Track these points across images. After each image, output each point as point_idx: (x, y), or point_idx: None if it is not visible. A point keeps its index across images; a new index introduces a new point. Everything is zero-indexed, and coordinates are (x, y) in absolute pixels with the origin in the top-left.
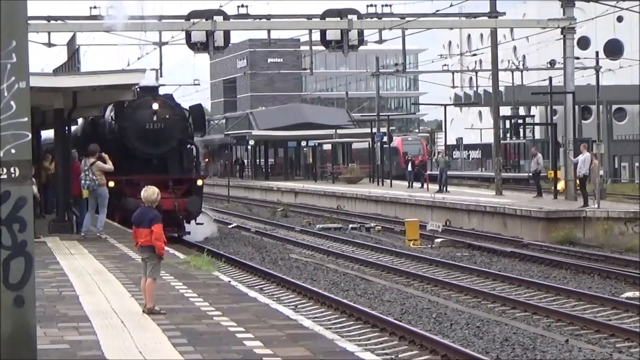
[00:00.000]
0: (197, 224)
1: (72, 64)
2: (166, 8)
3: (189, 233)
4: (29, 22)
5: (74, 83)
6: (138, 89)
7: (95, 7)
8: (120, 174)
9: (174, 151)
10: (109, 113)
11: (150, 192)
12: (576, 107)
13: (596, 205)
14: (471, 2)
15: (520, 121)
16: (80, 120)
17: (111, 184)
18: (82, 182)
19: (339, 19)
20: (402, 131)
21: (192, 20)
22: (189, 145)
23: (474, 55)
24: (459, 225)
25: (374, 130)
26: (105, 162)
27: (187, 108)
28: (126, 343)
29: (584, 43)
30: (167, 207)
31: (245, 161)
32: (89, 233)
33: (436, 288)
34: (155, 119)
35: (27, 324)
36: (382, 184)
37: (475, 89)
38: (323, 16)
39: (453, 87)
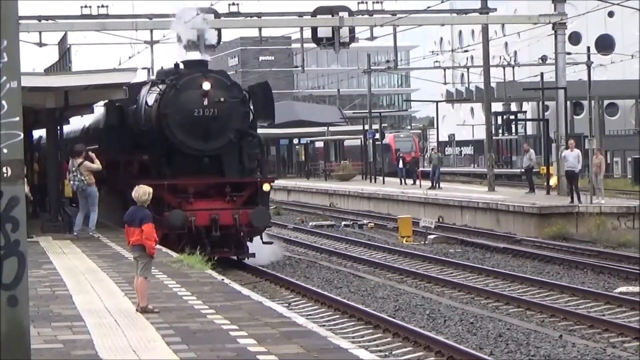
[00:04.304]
0: (263, 242)
1: (63, 64)
2: (157, 7)
3: (253, 255)
4: (19, 21)
5: (65, 82)
6: (181, 64)
7: (86, 7)
8: (161, 177)
9: (231, 146)
10: (144, 96)
11: (141, 192)
12: (568, 102)
13: (593, 201)
14: None
15: (512, 117)
16: (100, 109)
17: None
18: (71, 182)
19: (330, 16)
20: (394, 128)
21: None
22: (250, 138)
23: (466, 51)
24: (451, 221)
25: (366, 127)
26: (92, 162)
27: (246, 89)
28: (120, 342)
29: (575, 38)
30: (224, 221)
31: None
32: (82, 233)
33: (429, 284)
34: (206, 103)
35: (20, 323)
36: (375, 181)
37: (467, 85)
38: (314, 14)
39: (445, 83)
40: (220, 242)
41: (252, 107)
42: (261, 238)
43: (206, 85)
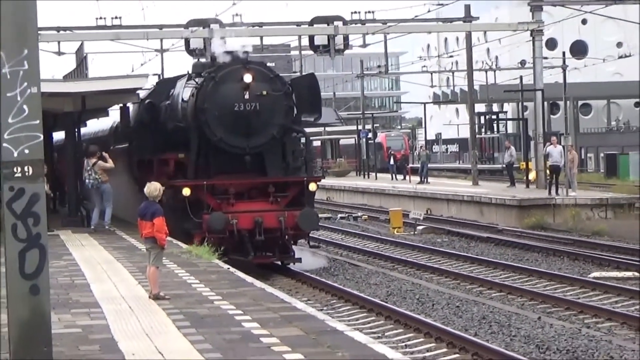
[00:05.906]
0: (311, 246)
1: (80, 71)
2: (167, 17)
3: (299, 260)
4: (39, 32)
5: (82, 88)
6: (220, 56)
7: (101, 18)
8: (200, 177)
9: (274, 143)
10: (179, 91)
11: (152, 188)
12: (545, 103)
13: (569, 193)
14: (447, 7)
15: (494, 117)
16: (130, 106)
17: (186, 191)
18: (87, 181)
19: (326, 25)
20: (386, 128)
21: (190, 29)
22: (295, 134)
23: (451, 57)
24: (439, 213)
25: (360, 127)
26: (105, 161)
27: (289, 81)
28: (134, 326)
29: (551, 44)
30: (269, 224)
31: None
32: (99, 226)
33: (419, 271)
34: (247, 96)
35: (42, 310)
36: (368, 177)
37: (452, 88)
38: (311, 23)
39: (432, 86)
40: (263, 247)
41: (295, 100)
42: (308, 242)
43: (247, 78)
